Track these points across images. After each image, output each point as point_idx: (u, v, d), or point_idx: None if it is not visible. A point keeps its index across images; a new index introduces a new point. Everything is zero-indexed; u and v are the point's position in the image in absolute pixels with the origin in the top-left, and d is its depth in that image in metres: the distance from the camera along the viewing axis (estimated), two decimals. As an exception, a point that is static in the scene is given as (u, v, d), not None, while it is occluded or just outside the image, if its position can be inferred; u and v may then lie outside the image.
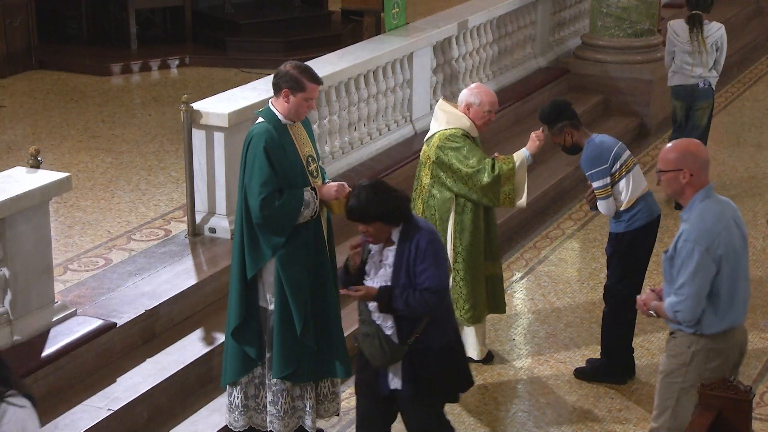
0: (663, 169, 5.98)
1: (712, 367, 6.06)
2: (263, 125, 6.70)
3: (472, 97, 7.93)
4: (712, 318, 5.98)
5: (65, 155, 10.84)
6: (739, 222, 6.11)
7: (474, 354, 8.22)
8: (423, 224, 6.18)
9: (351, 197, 6.07)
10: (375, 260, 6.21)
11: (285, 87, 6.66)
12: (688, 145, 6.03)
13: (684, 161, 5.92)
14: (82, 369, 7.23)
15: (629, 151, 8.00)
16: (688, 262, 5.88)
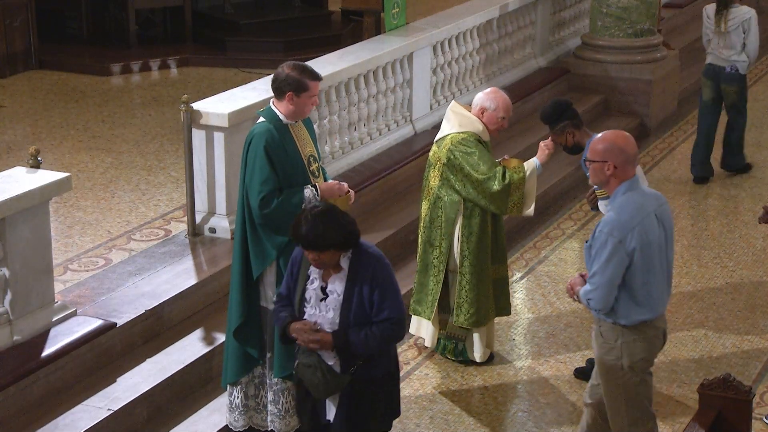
0: (590, 159, 6.13)
1: (643, 355, 6.21)
2: (264, 125, 6.71)
3: (488, 101, 7.91)
4: (631, 308, 6.12)
5: (65, 155, 10.83)
6: (662, 215, 6.20)
7: (477, 356, 8.22)
8: (372, 249, 5.88)
9: (303, 225, 5.67)
10: (317, 287, 5.88)
11: (288, 90, 6.67)
12: (616, 138, 6.16)
13: (610, 154, 6.06)
14: (82, 369, 7.23)
15: None
16: (602, 252, 6.02)
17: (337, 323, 5.78)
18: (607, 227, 6.03)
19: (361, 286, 5.76)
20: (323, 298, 5.84)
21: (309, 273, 5.88)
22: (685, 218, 10.89)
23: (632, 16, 13.12)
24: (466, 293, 7.99)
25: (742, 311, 9.08)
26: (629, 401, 6.24)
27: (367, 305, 5.76)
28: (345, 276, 5.80)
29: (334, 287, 5.81)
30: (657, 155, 12.55)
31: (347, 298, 5.78)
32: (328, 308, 5.82)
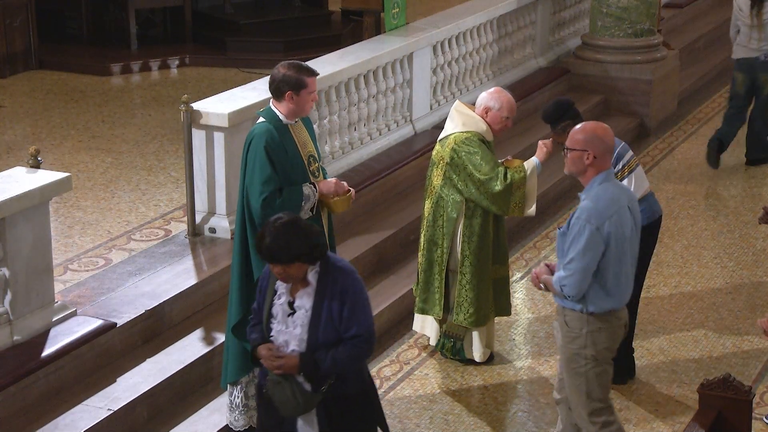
0: (570, 148, 6.21)
1: (607, 345, 6.32)
2: (264, 125, 6.71)
3: (492, 101, 7.90)
4: (600, 296, 6.22)
5: (65, 155, 10.83)
6: (634, 209, 6.34)
7: (476, 356, 8.23)
8: (341, 263, 5.65)
9: (267, 236, 5.42)
10: (284, 302, 5.64)
11: (287, 89, 6.68)
12: (596, 128, 6.26)
13: (590, 143, 6.16)
14: (82, 369, 7.23)
15: (632, 152, 7.99)
16: (579, 239, 6.12)
17: (305, 340, 5.55)
18: (585, 214, 6.13)
19: (330, 302, 5.52)
20: (291, 314, 5.61)
21: (276, 288, 5.66)
22: (685, 218, 10.89)
23: (632, 16, 13.12)
24: (466, 293, 7.99)
25: (742, 311, 9.08)
26: (590, 391, 6.35)
27: (336, 321, 5.53)
28: (313, 291, 5.56)
29: (301, 302, 5.57)
30: (657, 155, 12.55)
31: (315, 313, 5.55)
32: (296, 324, 5.59)
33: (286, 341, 5.60)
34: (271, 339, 5.65)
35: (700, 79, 14.93)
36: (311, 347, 5.55)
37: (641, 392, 7.96)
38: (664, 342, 8.62)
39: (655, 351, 8.49)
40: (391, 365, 8.29)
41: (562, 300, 6.29)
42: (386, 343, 8.56)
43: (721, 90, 14.87)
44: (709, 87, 14.94)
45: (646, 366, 8.26)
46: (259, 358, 5.65)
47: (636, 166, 7.88)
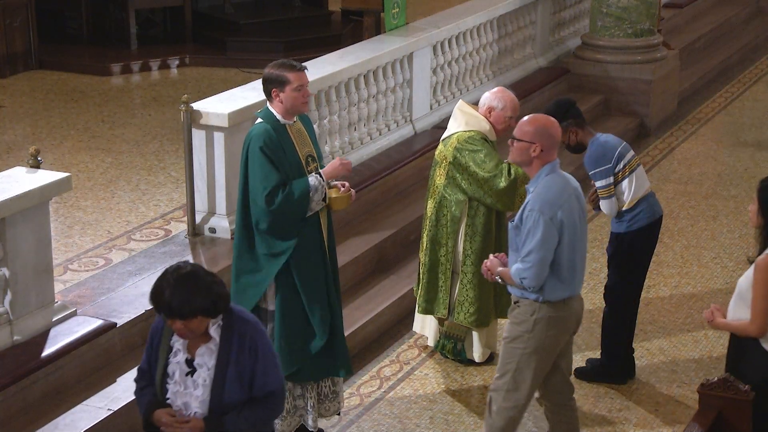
0: (517, 138, 6.28)
1: (552, 334, 6.40)
2: (261, 126, 6.71)
3: (495, 101, 7.89)
4: (555, 285, 6.29)
5: (65, 155, 10.84)
6: (580, 197, 6.41)
7: (476, 356, 8.22)
8: (246, 315, 5.08)
9: (166, 290, 4.82)
10: (181, 360, 5.03)
11: (272, 88, 6.68)
12: (545, 121, 6.34)
13: (538, 136, 6.23)
14: (82, 369, 7.23)
15: (633, 151, 7.99)
16: (535, 231, 6.17)
17: (208, 401, 4.96)
18: (537, 206, 6.19)
19: (238, 357, 4.94)
20: (190, 373, 5.00)
21: (171, 343, 5.03)
22: (685, 218, 10.89)
23: (632, 16, 13.12)
24: (467, 292, 7.99)
25: (742, 311, 9.07)
26: (518, 371, 6.46)
27: (247, 379, 4.96)
28: (216, 347, 4.96)
29: (203, 360, 4.97)
30: (657, 155, 12.56)
31: (219, 372, 4.95)
32: (197, 385, 4.97)
33: (185, 403, 4.99)
34: (167, 402, 5.03)
35: (700, 79, 14.93)
36: (215, 409, 4.95)
37: (641, 392, 7.96)
38: (664, 342, 8.62)
39: (655, 351, 8.48)
40: (391, 365, 8.29)
41: (520, 291, 6.38)
42: (386, 343, 8.56)
43: (721, 90, 14.89)
44: (709, 87, 14.95)
45: (646, 366, 8.26)
46: (158, 425, 5.00)
47: (637, 165, 7.88)
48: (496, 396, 6.56)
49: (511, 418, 6.55)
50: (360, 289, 8.91)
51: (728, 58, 15.94)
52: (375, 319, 8.60)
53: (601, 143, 7.85)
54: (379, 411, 7.70)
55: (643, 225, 7.82)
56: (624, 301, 7.94)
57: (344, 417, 7.54)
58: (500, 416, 6.53)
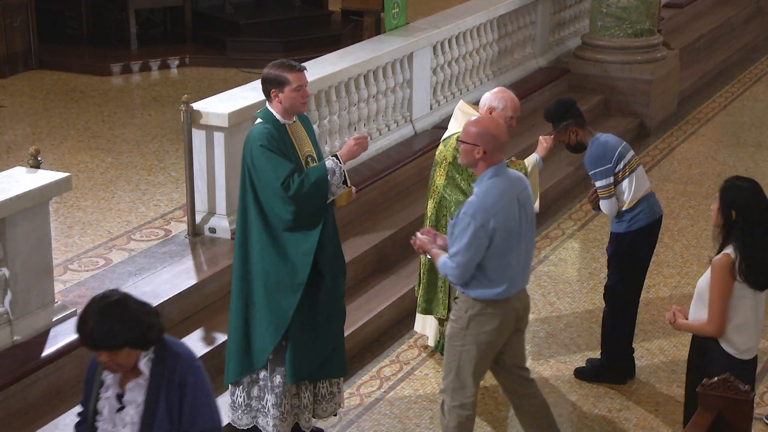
0: (462, 140, 6.37)
1: (488, 330, 6.48)
2: (261, 126, 6.70)
3: (496, 101, 7.87)
4: (481, 284, 6.39)
5: (65, 155, 10.84)
6: (524, 200, 6.45)
7: None
8: (179, 347, 4.77)
9: (89, 320, 4.52)
10: (111, 396, 4.76)
11: (271, 88, 6.67)
12: (490, 124, 6.42)
13: (481, 138, 6.28)
14: (82, 369, 7.18)
15: (633, 151, 7.99)
16: (464, 235, 6.26)
17: None
18: (471, 210, 6.26)
19: (166, 393, 4.65)
20: (119, 409, 4.74)
21: (103, 379, 4.76)
22: (685, 218, 10.89)
23: (632, 16, 13.12)
24: None
25: (742, 311, 9.07)
26: (459, 369, 6.54)
27: (175, 417, 4.67)
28: (146, 382, 4.67)
29: (132, 396, 4.70)
30: (657, 155, 12.56)
31: (149, 409, 4.67)
32: (125, 422, 4.72)
33: None
34: None
35: (700, 79, 14.93)
36: None
37: (641, 392, 7.96)
38: (664, 342, 8.62)
39: (655, 351, 8.48)
40: (391, 365, 8.29)
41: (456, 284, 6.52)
42: (386, 343, 8.56)
43: (721, 90, 14.88)
44: (709, 87, 14.95)
45: (646, 366, 8.26)
46: None
47: (637, 165, 7.88)
48: (445, 397, 6.63)
49: (464, 417, 6.60)
50: (360, 289, 8.91)
51: (728, 58, 15.95)
52: (375, 319, 8.60)
53: (601, 143, 7.85)
54: (379, 411, 7.70)
55: (643, 225, 7.81)
56: (624, 301, 7.94)
57: (344, 417, 7.54)
58: (452, 416, 6.60)
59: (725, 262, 6.00)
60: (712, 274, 6.03)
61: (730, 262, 5.98)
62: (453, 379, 6.57)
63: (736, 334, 6.08)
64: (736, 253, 5.98)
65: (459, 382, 6.55)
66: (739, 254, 5.97)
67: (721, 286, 5.98)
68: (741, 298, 6.04)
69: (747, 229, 6.00)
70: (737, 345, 6.10)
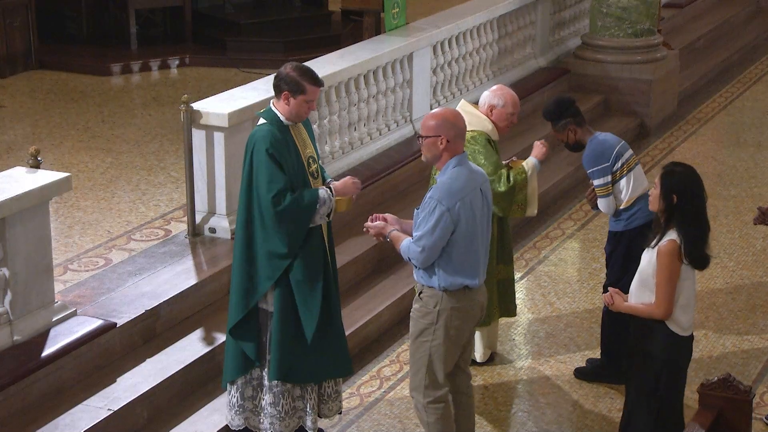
0: (423, 135, 6.47)
1: (456, 325, 6.49)
2: (266, 126, 6.69)
3: (495, 98, 7.88)
4: (447, 272, 6.40)
5: (65, 155, 10.84)
6: (486, 192, 6.56)
7: (477, 356, 8.21)
8: None
9: None
10: None
11: (285, 89, 6.66)
12: (447, 113, 6.51)
13: (443, 128, 6.41)
14: (82, 369, 7.23)
15: (631, 150, 7.99)
16: (430, 218, 6.33)
17: None
18: (437, 194, 6.35)
19: None
20: None
21: None
22: (685, 218, 10.88)
23: (632, 16, 13.13)
24: None
25: (742, 311, 9.08)
26: (430, 365, 6.53)
27: None
28: None
29: None
30: (657, 155, 12.55)
31: None
32: None
33: None
34: None
35: (700, 79, 14.93)
36: None
37: (641, 392, 7.96)
38: (664, 342, 8.61)
39: (655, 351, 8.48)
40: (391, 365, 8.29)
41: (421, 278, 6.49)
42: (386, 343, 8.56)
43: (721, 90, 14.89)
44: (709, 87, 14.95)
45: (646, 366, 8.26)
46: None
47: (635, 164, 7.88)
48: (416, 395, 6.64)
49: (441, 410, 6.61)
50: (360, 289, 8.91)
51: (728, 58, 15.95)
52: (375, 319, 8.60)
53: (599, 142, 7.86)
54: (379, 411, 7.70)
55: (641, 223, 7.81)
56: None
57: (344, 417, 7.54)
58: (429, 413, 6.61)
59: (672, 247, 6.20)
60: (660, 259, 6.21)
61: (676, 247, 6.20)
62: (423, 377, 6.56)
63: (682, 314, 6.32)
64: (680, 238, 6.18)
65: (430, 378, 6.56)
66: (683, 237, 6.18)
67: (670, 271, 6.21)
68: (685, 280, 6.30)
69: (687, 212, 6.21)
70: (682, 323, 6.32)
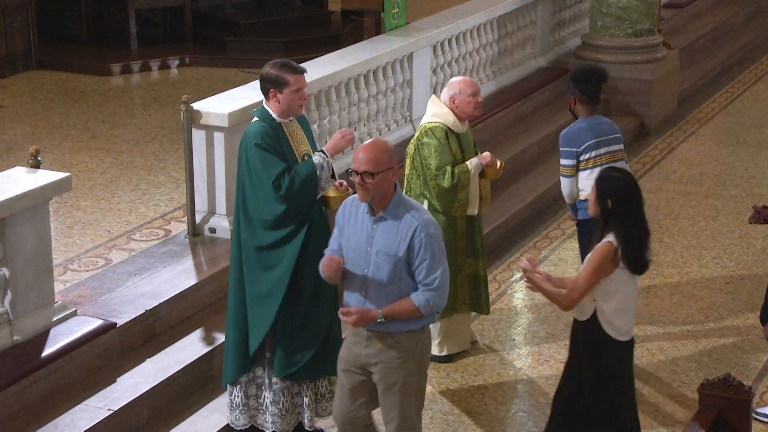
0: (376, 171, 5.83)
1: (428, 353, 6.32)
2: (257, 124, 6.70)
3: (451, 90, 7.97)
4: None
5: (65, 155, 10.84)
6: None
7: (434, 350, 8.15)
8: None
9: None
10: None
11: (270, 88, 6.66)
12: (384, 143, 6.03)
13: (393, 158, 5.93)
14: (82, 369, 7.23)
15: (618, 148, 8.14)
16: (431, 248, 5.88)
17: None
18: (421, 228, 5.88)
19: None
20: None
21: None
22: (685, 218, 10.89)
23: (632, 16, 13.13)
24: None
25: (742, 311, 9.08)
26: (418, 393, 6.22)
27: None
28: None
29: None
30: (657, 155, 12.55)
31: None
32: None
33: None
34: None
35: (700, 79, 14.93)
36: None
37: (641, 392, 7.95)
38: (664, 342, 8.62)
39: (655, 351, 8.48)
40: (391, 365, 8.28)
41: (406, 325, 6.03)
42: (386, 343, 8.55)
43: (721, 90, 14.89)
44: (709, 87, 14.95)
45: (646, 366, 8.25)
46: None
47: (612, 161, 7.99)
48: None
49: None
50: (360, 289, 8.90)
51: (728, 58, 15.95)
52: (375, 319, 8.59)
53: (583, 127, 8.17)
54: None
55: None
56: None
57: (344, 417, 7.53)
58: None
59: (608, 249, 6.15)
60: (592, 257, 6.18)
61: (612, 249, 6.14)
62: (415, 404, 6.20)
63: (617, 318, 6.23)
64: (617, 241, 6.14)
65: (420, 403, 6.27)
66: (620, 241, 6.13)
67: (597, 270, 6.13)
68: (622, 283, 6.19)
69: (624, 217, 6.16)
70: (618, 328, 6.25)
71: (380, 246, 5.95)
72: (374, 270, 5.97)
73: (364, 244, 5.99)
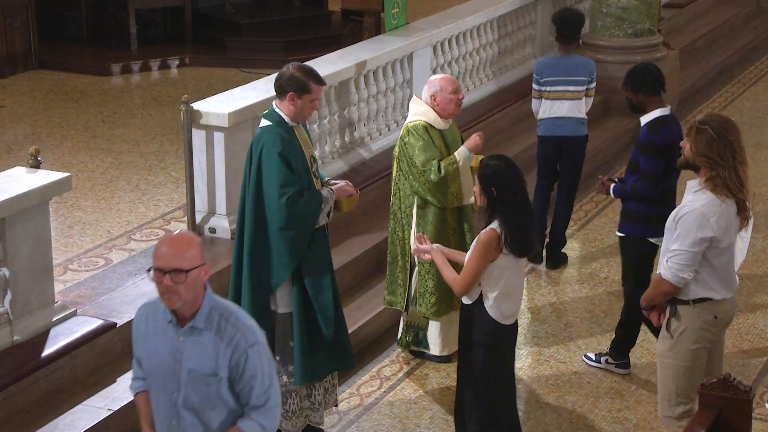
0: (189, 268, 4.68)
1: None
2: (272, 128, 6.68)
3: (432, 88, 8.01)
4: None
5: (65, 155, 10.84)
6: None
7: (434, 349, 8.18)
8: None
9: None
10: None
11: (290, 90, 6.65)
12: (191, 235, 4.87)
13: (203, 253, 4.79)
14: (82, 369, 7.23)
15: (575, 88, 9.56)
16: (265, 363, 4.83)
17: None
18: (258, 335, 4.81)
19: None
20: None
21: None
22: (685, 218, 10.87)
23: (632, 16, 13.12)
24: (425, 282, 8.01)
25: (742, 311, 9.07)
26: None
27: None
28: None
29: None
30: (657, 155, 12.53)
31: None
32: None
33: None
34: None
35: (700, 79, 14.92)
36: None
37: (641, 392, 7.95)
38: (664, 342, 8.61)
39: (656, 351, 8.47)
40: (391, 365, 8.29)
41: None
42: (386, 343, 8.56)
43: (721, 90, 14.88)
44: (709, 87, 14.94)
45: (646, 366, 8.25)
46: None
47: (561, 99, 9.57)
48: None
49: None
50: (360, 289, 8.91)
51: (728, 58, 15.94)
52: (375, 319, 8.60)
53: (549, 63, 9.75)
54: (379, 411, 7.70)
55: (541, 135, 9.78)
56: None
57: (344, 417, 7.54)
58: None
59: (491, 235, 6.29)
60: (476, 245, 6.33)
61: (495, 236, 6.28)
62: None
63: (503, 302, 6.40)
64: (501, 227, 6.27)
65: None
66: (504, 227, 6.26)
67: (481, 257, 6.30)
68: (506, 269, 6.34)
69: (507, 203, 6.29)
70: (503, 311, 6.41)
71: (192, 364, 4.78)
72: (187, 394, 4.83)
73: (170, 362, 4.83)
